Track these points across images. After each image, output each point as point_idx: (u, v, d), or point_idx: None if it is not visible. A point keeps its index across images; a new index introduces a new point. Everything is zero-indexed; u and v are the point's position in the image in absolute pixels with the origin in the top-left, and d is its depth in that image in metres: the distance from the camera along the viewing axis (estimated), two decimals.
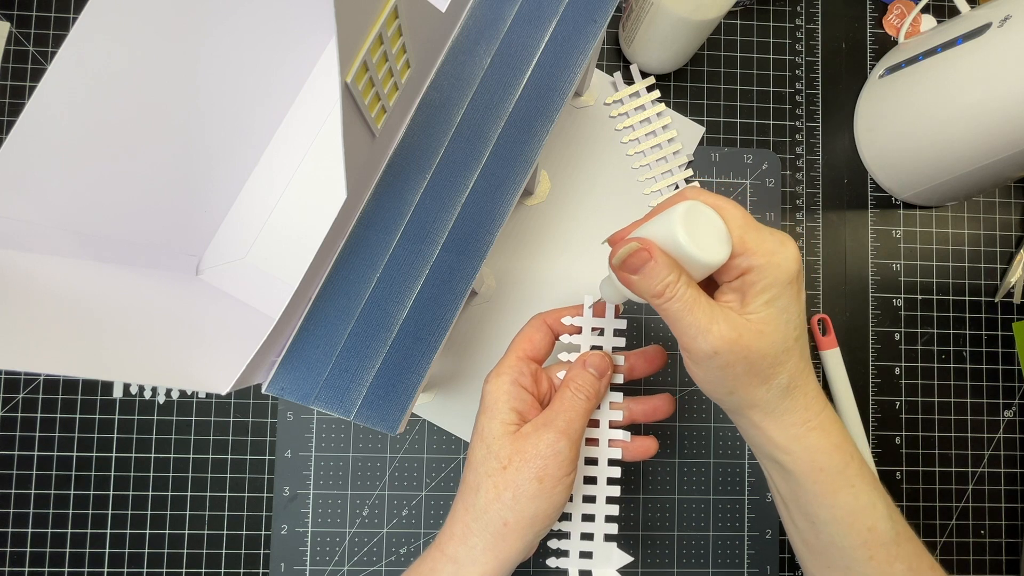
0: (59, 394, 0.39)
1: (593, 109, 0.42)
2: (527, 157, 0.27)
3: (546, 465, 0.25)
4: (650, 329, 0.42)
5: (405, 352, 0.26)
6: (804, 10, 0.44)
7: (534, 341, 0.29)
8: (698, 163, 0.43)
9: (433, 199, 0.27)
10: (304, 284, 0.23)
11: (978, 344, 0.43)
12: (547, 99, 0.28)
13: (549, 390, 0.30)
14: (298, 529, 0.39)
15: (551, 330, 0.30)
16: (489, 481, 0.26)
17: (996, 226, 0.44)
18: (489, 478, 0.26)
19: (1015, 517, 0.42)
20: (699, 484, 0.41)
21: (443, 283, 0.27)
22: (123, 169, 0.26)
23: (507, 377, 0.28)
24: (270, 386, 0.25)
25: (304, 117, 0.33)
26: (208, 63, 0.28)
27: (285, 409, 0.40)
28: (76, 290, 0.24)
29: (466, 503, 0.27)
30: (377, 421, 0.26)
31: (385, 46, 0.21)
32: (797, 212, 0.43)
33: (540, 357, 0.29)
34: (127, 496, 0.39)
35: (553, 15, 0.28)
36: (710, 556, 0.40)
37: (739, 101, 0.44)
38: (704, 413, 0.41)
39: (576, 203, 0.42)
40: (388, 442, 0.40)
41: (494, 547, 0.26)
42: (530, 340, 0.29)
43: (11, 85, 0.40)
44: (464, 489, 0.27)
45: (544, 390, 0.29)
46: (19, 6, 0.41)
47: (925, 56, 0.38)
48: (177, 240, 0.30)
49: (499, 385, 0.27)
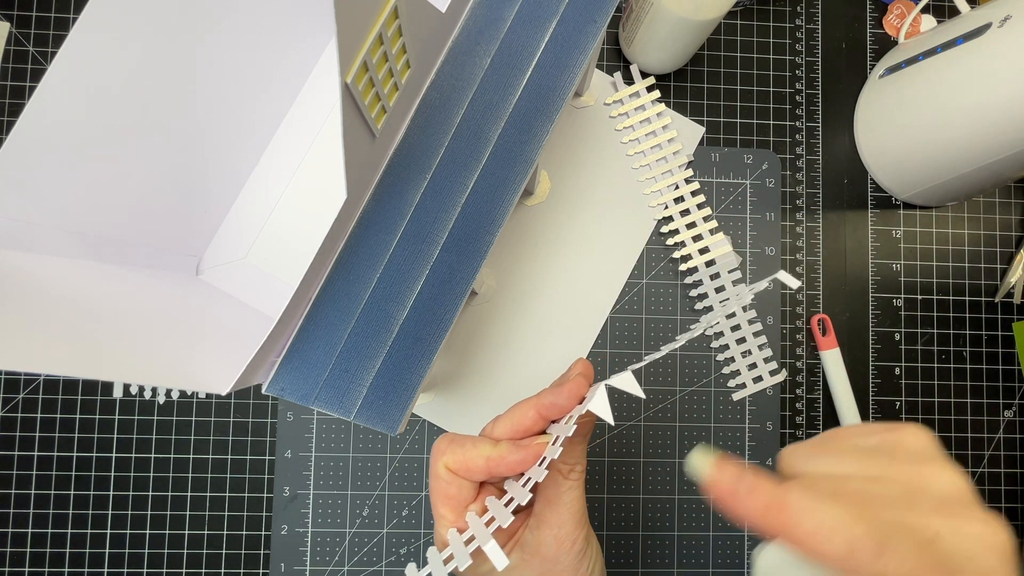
0: (59, 394, 0.39)
1: (593, 109, 0.42)
2: (527, 157, 0.27)
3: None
4: (650, 329, 0.42)
5: (405, 352, 0.26)
6: (804, 10, 0.44)
7: (451, 496, 0.24)
8: (698, 163, 0.43)
9: (433, 199, 0.27)
10: (304, 284, 0.23)
11: (978, 344, 0.43)
12: (547, 99, 0.28)
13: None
14: (298, 529, 0.39)
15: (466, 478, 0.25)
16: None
17: (996, 226, 0.44)
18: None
19: (1015, 517, 0.42)
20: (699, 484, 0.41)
21: (443, 283, 0.27)
22: (123, 169, 0.26)
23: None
24: (270, 386, 0.25)
25: (304, 117, 0.33)
26: (208, 63, 0.28)
27: (285, 409, 0.40)
28: (76, 290, 0.24)
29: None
30: (377, 421, 0.26)
31: (385, 46, 0.21)
32: (797, 212, 0.43)
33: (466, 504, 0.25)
34: (127, 496, 0.39)
35: (553, 15, 0.28)
36: (710, 556, 0.40)
37: (739, 101, 0.44)
38: (704, 414, 0.41)
39: (576, 203, 0.42)
40: (388, 442, 0.40)
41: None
42: (447, 496, 0.24)
43: (11, 85, 0.40)
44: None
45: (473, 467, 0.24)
46: (19, 6, 0.41)
47: (925, 56, 0.38)
48: (177, 240, 0.30)
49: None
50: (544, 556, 0.24)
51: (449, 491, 0.24)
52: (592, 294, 0.41)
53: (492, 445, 0.24)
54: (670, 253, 0.42)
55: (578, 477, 0.25)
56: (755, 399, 0.42)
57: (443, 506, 0.24)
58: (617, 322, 0.41)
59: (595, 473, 0.41)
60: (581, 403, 0.23)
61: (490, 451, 0.23)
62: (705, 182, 0.43)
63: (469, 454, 0.23)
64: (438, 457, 0.24)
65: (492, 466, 0.23)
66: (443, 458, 0.24)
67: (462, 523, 0.24)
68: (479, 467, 0.23)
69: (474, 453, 0.23)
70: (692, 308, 0.42)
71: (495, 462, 0.23)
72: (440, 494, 0.24)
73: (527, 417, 0.24)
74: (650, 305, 0.42)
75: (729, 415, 0.41)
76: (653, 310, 0.42)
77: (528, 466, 0.23)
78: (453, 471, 0.24)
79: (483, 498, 0.24)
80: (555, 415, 0.24)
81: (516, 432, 0.24)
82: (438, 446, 0.25)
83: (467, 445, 0.24)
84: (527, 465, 0.23)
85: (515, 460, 0.23)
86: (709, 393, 0.41)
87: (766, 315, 0.42)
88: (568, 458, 0.24)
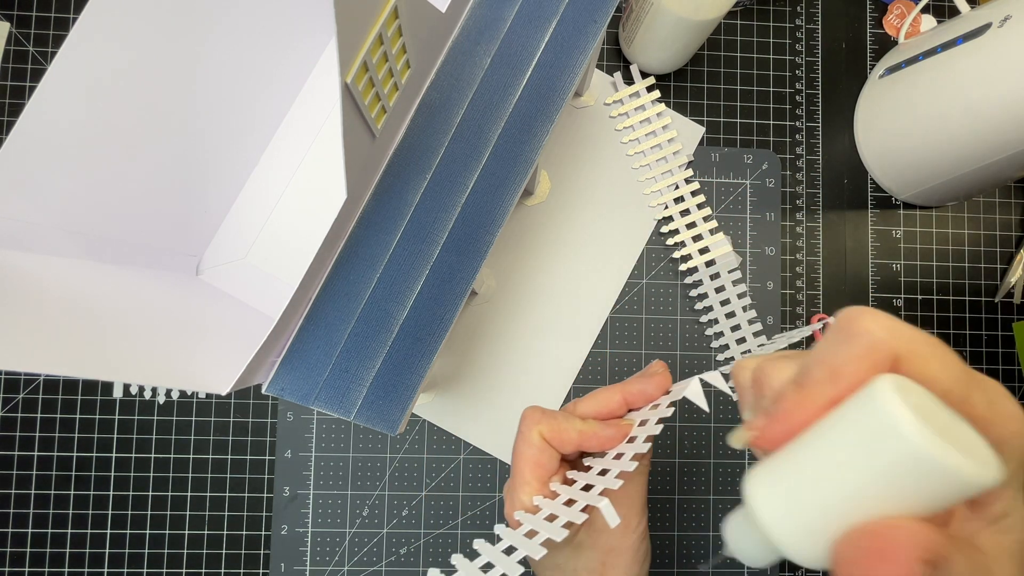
0: (59, 394, 0.39)
1: (593, 109, 0.42)
2: (527, 157, 0.27)
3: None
4: (650, 329, 0.42)
5: (405, 352, 0.26)
6: (804, 10, 0.44)
7: (542, 464, 0.25)
8: (698, 163, 0.43)
9: (433, 199, 0.27)
10: (304, 284, 0.23)
11: (978, 344, 0.43)
12: (547, 99, 0.28)
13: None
14: (298, 529, 0.39)
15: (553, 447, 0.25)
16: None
17: (996, 226, 0.44)
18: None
19: None
20: (699, 484, 0.41)
21: (443, 283, 0.27)
22: (123, 169, 0.26)
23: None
24: (270, 386, 0.25)
25: (304, 117, 0.33)
26: (208, 63, 0.28)
27: (285, 409, 0.40)
28: (76, 290, 0.24)
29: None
30: (377, 421, 0.26)
31: (385, 46, 0.21)
32: (797, 212, 0.43)
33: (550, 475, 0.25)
34: (127, 496, 0.39)
35: (553, 15, 0.28)
36: (710, 556, 0.40)
37: (739, 101, 0.44)
38: (704, 413, 0.41)
39: (576, 203, 0.42)
40: (388, 442, 0.40)
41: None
42: (538, 464, 0.25)
43: (11, 85, 0.40)
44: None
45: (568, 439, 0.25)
46: (19, 6, 0.41)
47: (925, 56, 0.38)
48: (177, 240, 0.30)
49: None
50: (609, 536, 0.26)
51: (541, 459, 0.25)
52: (592, 294, 0.41)
53: (582, 420, 0.25)
54: (670, 253, 0.42)
55: (646, 466, 0.26)
56: None
57: (531, 473, 0.25)
58: (617, 322, 0.41)
59: None
60: (666, 394, 0.24)
61: (583, 426, 0.24)
62: (705, 182, 0.43)
63: (563, 425, 0.24)
64: (532, 425, 0.25)
65: (584, 439, 0.24)
66: (538, 426, 0.25)
67: (547, 491, 0.24)
68: (571, 439, 0.24)
69: (567, 425, 0.24)
70: (692, 308, 0.42)
71: (587, 436, 0.24)
72: (531, 461, 0.25)
73: (613, 400, 0.25)
74: (650, 305, 0.42)
75: (729, 415, 0.41)
76: (653, 310, 0.42)
77: (617, 443, 0.24)
78: (547, 440, 0.25)
79: (563, 472, 0.25)
80: (639, 404, 0.25)
81: (600, 413, 0.25)
82: (531, 415, 0.25)
83: (559, 417, 0.25)
84: (616, 442, 0.24)
85: (607, 436, 0.24)
86: (709, 393, 0.41)
87: (766, 315, 0.42)
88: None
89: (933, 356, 0.15)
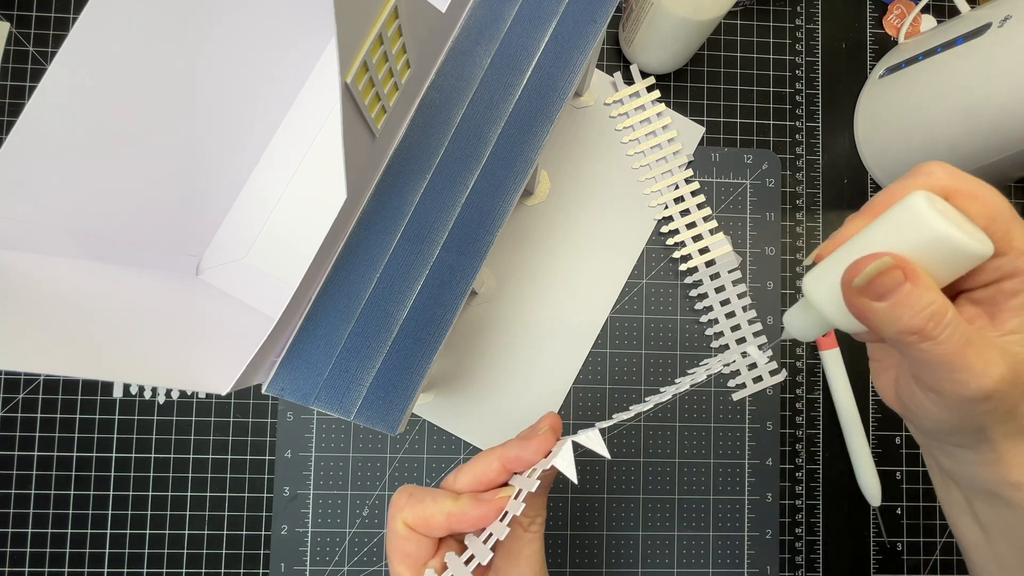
0: (59, 394, 0.39)
1: (593, 109, 0.42)
2: (527, 157, 0.27)
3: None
4: (650, 329, 0.42)
5: (405, 352, 0.26)
6: (804, 10, 0.44)
7: (410, 554, 0.24)
8: (698, 163, 0.43)
9: (433, 199, 0.27)
10: (304, 284, 0.23)
11: None
12: (547, 99, 0.28)
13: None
14: (298, 529, 0.39)
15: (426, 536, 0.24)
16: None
17: None
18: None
19: None
20: (699, 484, 0.41)
21: (443, 283, 0.27)
22: (123, 169, 0.26)
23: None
24: (270, 386, 0.25)
25: (304, 117, 0.33)
26: (208, 63, 0.28)
27: (285, 409, 0.40)
28: (76, 290, 0.24)
29: None
30: (377, 421, 0.26)
31: (385, 46, 0.21)
32: (797, 212, 0.43)
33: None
34: (127, 496, 0.39)
35: (553, 15, 0.28)
36: (710, 556, 0.40)
37: (739, 101, 0.44)
38: (704, 413, 0.41)
39: (576, 203, 0.42)
40: (388, 442, 0.40)
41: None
42: (406, 555, 0.24)
43: (11, 85, 0.40)
44: None
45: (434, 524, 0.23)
46: (19, 6, 0.41)
47: (925, 56, 0.38)
48: (177, 240, 0.30)
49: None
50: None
51: (407, 548, 0.23)
52: (592, 294, 0.41)
53: (453, 499, 0.23)
54: (670, 253, 0.42)
55: (538, 530, 0.24)
56: (755, 399, 0.42)
57: (400, 564, 0.23)
58: (617, 322, 0.41)
59: (595, 473, 0.41)
60: (546, 457, 0.23)
61: (451, 506, 0.22)
62: (705, 182, 0.43)
63: (429, 509, 0.23)
64: (396, 513, 0.23)
65: (453, 522, 0.22)
66: (401, 514, 0.23)
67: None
68: (439, 523, 0.22)
69: (434, 508, 0.23)
70: (692, 308, 0.42)
71: (456, 518, 0.22)
72: (398, 552, 0.23)
73: (491, 469, 0.23)
74: (650, 305, 0.42)
75: (729, 415, 0.41)
76: (653, 310, 0.42)
77: (490, 521, 0.22)
78: (412, 527, 0.23)
79: (442, 554, 0.23)
80: (520, 468, 0.23)
81: (479, 484, 0.23)
82: (396, 501, 0.24)
83: (427, 500, 0.23)
84: (489, 520, 0.22)
85: (477, 515, 0.22)
86: (709, 393, 0.41)
87: (766, 315, 0.42)
88: (529, 511, 0.24)
89: (975, 196, 0.18)
